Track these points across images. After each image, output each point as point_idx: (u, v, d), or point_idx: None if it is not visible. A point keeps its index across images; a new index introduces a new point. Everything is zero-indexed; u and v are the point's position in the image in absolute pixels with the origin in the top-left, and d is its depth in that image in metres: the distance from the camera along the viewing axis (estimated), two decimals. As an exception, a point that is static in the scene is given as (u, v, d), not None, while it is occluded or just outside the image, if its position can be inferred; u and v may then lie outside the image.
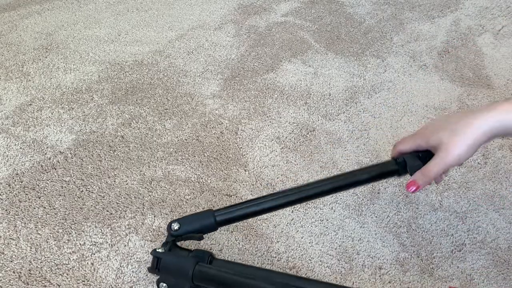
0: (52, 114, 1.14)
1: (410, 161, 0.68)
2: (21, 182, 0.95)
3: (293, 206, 0.91)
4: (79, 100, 1.19)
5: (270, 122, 1.13)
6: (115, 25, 1.56)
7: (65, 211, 0.89)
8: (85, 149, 1.03)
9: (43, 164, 0.99)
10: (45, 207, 0.90)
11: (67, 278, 0.77)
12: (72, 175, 0.97)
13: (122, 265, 0.80)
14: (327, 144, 1.06)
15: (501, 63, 1.36)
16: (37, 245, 0.83)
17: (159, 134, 1.08)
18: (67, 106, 1.17)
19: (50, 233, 0.85)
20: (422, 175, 0.65)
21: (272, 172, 0.98)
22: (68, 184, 0.95)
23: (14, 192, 0.93)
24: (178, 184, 0.95)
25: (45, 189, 0.93)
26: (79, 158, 1.01)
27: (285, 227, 0.87)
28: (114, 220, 0.87)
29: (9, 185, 0.94)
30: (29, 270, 0.78)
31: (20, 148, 1.03)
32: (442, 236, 0.85)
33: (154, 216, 0.88)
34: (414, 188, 0.65)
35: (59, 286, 0.76)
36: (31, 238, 0.84)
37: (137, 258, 0.81)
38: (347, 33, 1.53)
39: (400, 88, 1.24)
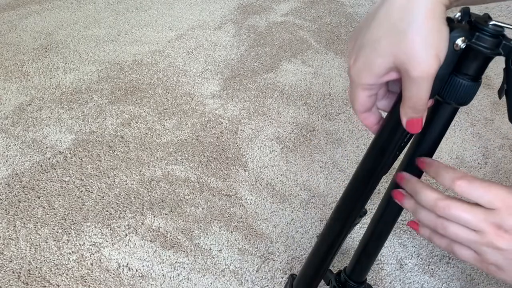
0: (51, 114, 1.14)
1: None
2: (21, 182, 0.95)
3: (292, 207, 0.91)
4: (78, 100, 1.19)
5: (270, 122, 1.13)
6: (114, 25, 1.56)
7: (64, 211, 0.89)
8: (85, 149, 1.03)
9: (42, 164, 0.99)
10: (44, 207, 0.89)
11: (67, 278, 0.77)
12: (72, 175, 0.96)
13: (122, 265, 0.79)
14: (327, 144, 1.06)
15: (501, 63, 1.35)
16: (36, 245, 0.82)
17: (159, 134, 1.08)
18: (66, 106, 1.16)
19: (50, 233, 0.84)
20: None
21: (272, 172, 0.98)
22: (68, 184, 0.94)
23: (14, 192, 0.93)
24: (178, 184, 0.95)
25: (45, 189, 0.93)
26: (78, 158, 1.01)
27: (285, 227, 0.87)
28: (114, 220, 0.87)
29: (8, 185, 0.94)
30: (29, 270, 0.78)
31: (20, 148, 1.03)
32: (442, 236, 0.85)
33: (154, 216, 0.88)
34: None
35: (58, 286, 0.76)
36: (30, 238, 0.84)
37: (137, 258, 0.81)
38: (347, 33, 1.53)
39: (400, 88, 1.24)
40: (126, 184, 0.95)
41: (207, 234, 0.85)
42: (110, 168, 0.98)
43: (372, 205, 0.92)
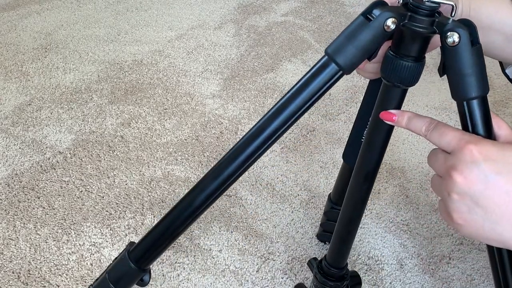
0: (51, 114, 1.14)
1: None
2: (20, 182, 0.95)
3: (292, 207, 0.90)
4: (78, 100, 1.19)
5: (270, 122, 1.12)
6: (114, 24, 1.55)
7: (64, 211, 0.88)
8: (85, 149, 1.03)
9: (42, 164, 0.99)
10: (44, 207, 0.89)
11: (66, 279, 0.77)
12: (72, 175, 0.96)
13: (121, 265, 0.79)
14: (327, 144, 1.06)
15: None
16: (36, 245, 0.82)
17: (159, 134, 1.08)
18: (66, 106, 1.16)
19: (49, 234, 0.84)
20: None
21: (272, 172, 0.98)
22: (68, 184, 0.94)
23: (13, 192, 0.92)
24: (178, 184, 0.95)
25: (44, 189, 0.93)
26: (78, 158, 1.01)
27: (285, 227, 0.87)
28: (114, 221, 0.87)
29: (8, 185, 0.94)
30: (28, 271, 0.78)
31: (20, 148, 1.03)
32: (443, 236, 0.85)
33: (154, 217, 0.88)
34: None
35: (58, 286, 0.76)
36: (30, 238, 0.83)
37: (136, 258, 0.80)
38: (347, 32, 1.53)
39: (400, 88, 1.24)
40: (126, 184, 0.95)
41: (207, 234, 0.84)
42: (110, 168, 0.98)
43: (373, 205, 0.92)
